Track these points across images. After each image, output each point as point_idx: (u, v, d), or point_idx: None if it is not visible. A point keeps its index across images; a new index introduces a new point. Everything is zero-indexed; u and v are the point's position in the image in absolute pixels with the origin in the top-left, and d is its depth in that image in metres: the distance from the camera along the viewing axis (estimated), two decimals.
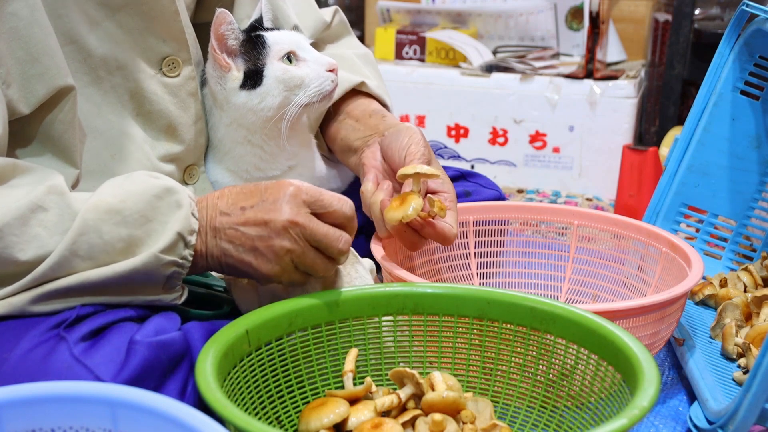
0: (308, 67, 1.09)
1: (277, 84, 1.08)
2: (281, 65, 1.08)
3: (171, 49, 1.04)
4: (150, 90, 1.04)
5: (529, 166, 2.20)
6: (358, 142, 1.15)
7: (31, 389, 0.63)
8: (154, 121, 1.05)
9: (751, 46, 1.41)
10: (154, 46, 1.03)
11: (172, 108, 1.06)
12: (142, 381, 0.84)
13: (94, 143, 1.00)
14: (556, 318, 0.89)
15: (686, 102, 2.24)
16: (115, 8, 0.99)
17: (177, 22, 1.03)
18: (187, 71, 1.07)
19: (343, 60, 1.21)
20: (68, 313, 0.88)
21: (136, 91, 1.03)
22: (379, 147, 1.12)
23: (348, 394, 0.85)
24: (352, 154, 1.16)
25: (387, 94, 1.24)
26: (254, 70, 1.08)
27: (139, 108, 1.04)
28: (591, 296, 1.29)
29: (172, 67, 1.05)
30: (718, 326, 1.26)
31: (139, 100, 1.03)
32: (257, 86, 1.08)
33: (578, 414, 0.86)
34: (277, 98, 1.08)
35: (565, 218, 1.30)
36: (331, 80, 1.09)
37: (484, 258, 1.29)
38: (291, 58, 1.09)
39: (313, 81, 1.08)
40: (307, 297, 0.92)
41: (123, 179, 0.92)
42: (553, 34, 2.24)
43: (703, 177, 1.48)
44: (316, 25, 1.24)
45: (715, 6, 2.38)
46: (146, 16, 1.01)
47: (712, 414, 1.04)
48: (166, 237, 0.88)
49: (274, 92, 1.08)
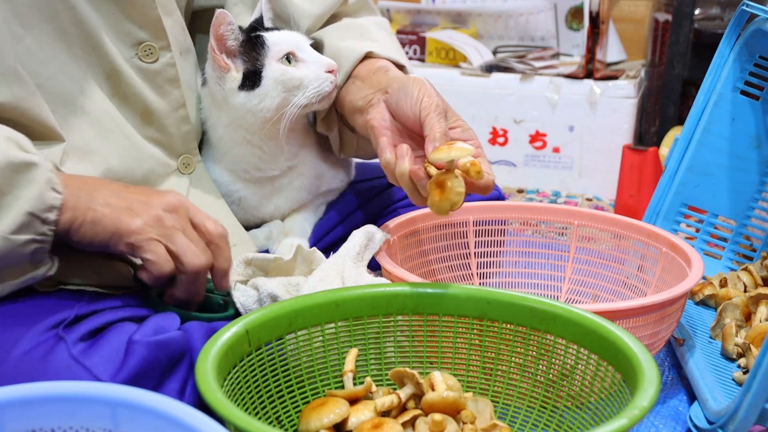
0: (307, 68, 1.09)
1: (275, 85, 1.08)
2: (280, 66, 1.08)
3: (147, 35, 1.04)
4: (125, 73, 1.03)
5: (529, 166, 2.20)
6: (361, 102, 1.10)
7: (31, 389, 0.63)
8: (130, 104, 1.04)
9: (751, 46, 1.41)
10: (130, 31, 1.03)
11: (147, 93, 1.05)
12: (141, 381, 0.84)
13: (78, 120, 1.00)
14: (556, 318, 0.89)
15: (686, 102, 2.24)
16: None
17: (153, 10, 1.03)
18: (165, 58, 1.05)
19: (355, 28, 1.18)
20: (67, 313, 0.88)
21: (112, 73, 1.02)
22: (385, 105, 1.07)
23: (348, 394, 0.85)
24: (358, 115, 1.11)
25: (400, 55, 1.18)
26: (253, 71, 1.08)
27: (115, 89, 1.03)
28: (591, 296, 1.29)
29: (148, 53, 1.04)
30: (718, 326, 1.26)
31: (114, 81, 1.03)
32: (256, 87, 1.08)
33: (578, 414, 0.86)
34: (275, 99, 1.08)
35: (565, 218, 1.30)
36: (330, 81, 1.09)
37: (484, 258, 1.29)
38: (290, 58, 1.09)
39: (312, 82, 1.08)
40: (308, 297, 0.91)
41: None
42: (553, 34, 2.24)
43: (703, 177, 1.48)
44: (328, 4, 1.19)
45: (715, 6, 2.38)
46: (120, 1, 1.01)
47: (712, 414, 1.04)
48: (14, 216, 0.84)
49: (273, 93, 1.08)
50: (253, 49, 1.09)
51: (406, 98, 1.04)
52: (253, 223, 1.20)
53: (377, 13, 1.27)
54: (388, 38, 1.20)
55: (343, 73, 1.12)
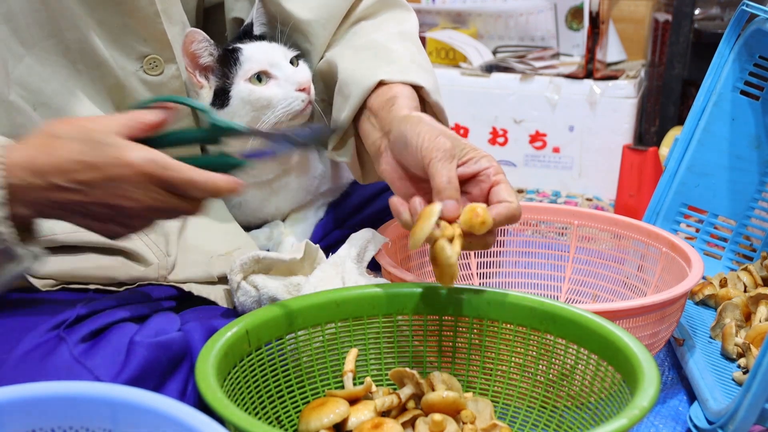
0: (278, 87, 1.07)
1: (243, 105, 1.07)
2: (247, 86, 1.07)
3: (152, 48, 1.03)
4: (130, 86, 1.03)
5: (529, 166, 2.20)
6: (373, 148, 1.02)
7: (31, 389, 0.63)
8: None
9: (751, 46, 1.41)
10: (135, 45, 1.02)
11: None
12: (142, 381, 0.84)
13: None
14: (556, 318, 0.89)
15: (686, 102, 2.24)
16: (94, 5, 0.99)
17: (158, 24, 1.02)
18: (171, 70, 1.06)
19: (370, 46, 1.09)
20: (68, 314, 0.88)
21: (116, 87, 1.02)
22: (391, 153, 0.98)
23: (348, 394, 0.85)
24: (375, 159, 1.03)
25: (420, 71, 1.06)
26: (222, 89, 1.08)
27: (120, 102, 1.03)
28: (591, 296, 1.29)
29: (154, 66, 1.04)
30: (718, 326, 1.26)
31: (119, 95, 1.03)
32: (225, 106, 1.07)
33: (578, 414, 0.86)
34: (244, 118, 1.07)
35: (565, 218, 1.30)
36: (302, 100, 1.07)
37: (484, 258, 1.29)
38: (261, 77, 1.08)
39: (280, 102, 1.07)
40: (308, 297, 0.92)
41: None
42: (553, 34, 2.24)
43: (703, 177, 1.48)
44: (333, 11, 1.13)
45: (715, 6, 2.38)
46: (125, 15, 1.00)
47: (712, 414, 1.04)
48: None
49: (241, 113, 1.07)
50: (226, 65, 1.08)
51: (407, 147, 0.93)
52: (255, 225, 1.20)
53: (402, 6, 1.17)
54: (407, 52, 1.08)
55: (353, 106, 1.04)
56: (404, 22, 1.15)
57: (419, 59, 1.09)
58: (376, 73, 1.03)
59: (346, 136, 1.08)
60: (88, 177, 0.80)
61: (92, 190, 0.81)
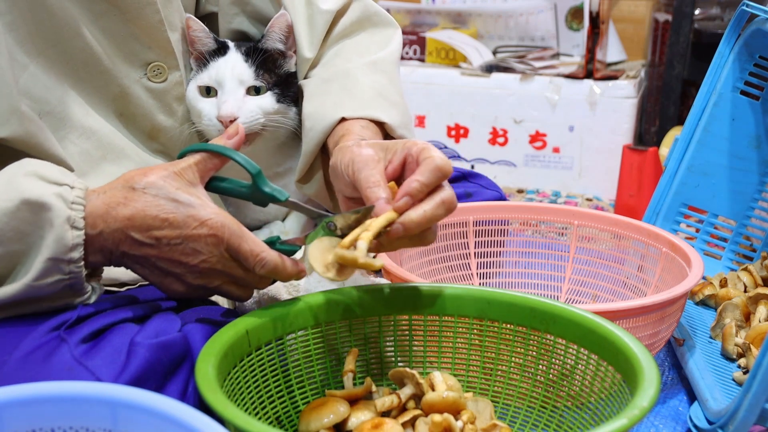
0: (210, 105, 1.08)
1: (187, 102, 1.10)
2: (193, 90, 1.09)
3: (156, 56, 1.04)
4: (134, 94, 1.04)
5: (529, 166, 2.20)
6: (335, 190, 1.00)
7: (31, 389, 0.63)
8: (137, 123, 1.05)
9: (751, 46, 1.41)
10: (139, 52, 1.03)
11: (156, 112, 1.06)
12: (143, 382, 0.84)
13: (86, 144, 1.00)
14: (556, 318, 0.89)
15: (686, 102, 2.25)
16: (98, 14, 0.99)
17: (162, 32, 1.03)
18: (174, 77, 1.06)
19: (338, 78, 1.09)
20: (69, 314, 0.88)
21: (120, 94, 1.03)
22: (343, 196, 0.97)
23: (348, 394, 0.85)
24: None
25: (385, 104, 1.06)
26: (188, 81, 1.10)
27: (123, 109, 1.04)
28: (591, 296, 1.29)
29: (158, 73, 1.05)
30: (718, 326, 1.26)
31: (122, 102, 1.03)
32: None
33: (578, 414, 0.86)
34: (190, 114, 1.10)
35: (565, 218, 1.30)
36: (218, 129, 1.07)
37: (484, 258, 1.29)
38: (210, 89, 1.09)
39: (202, 118, 1.08)
40: (307, 297, 0.92)
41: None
42: (553, 34, 2.25)
43: (703, 177, 1.48)
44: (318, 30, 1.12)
45: (715, 6, 2.38)
46: (130, 23, 1.01)
47: (712, 414, 1.04)
48: (36, 265, 0.82)
49: (189, 108, 1.10)
50: (206, 63, 1.10)
51: (337, 176, 0.94)
52: (255, 225, 1.20)
53: (386, 24, 1.17)
54: (375, 85, 1.07)
55: (314, 142, 1.04)
56: (385, 46, 1.14)
57: (387, 92, 1.08)
58: (337, 112, 1.03)
59: (313, 170, 1.09)
60: (163, 234, 0.84)
61: (164, 246, 0.85)
